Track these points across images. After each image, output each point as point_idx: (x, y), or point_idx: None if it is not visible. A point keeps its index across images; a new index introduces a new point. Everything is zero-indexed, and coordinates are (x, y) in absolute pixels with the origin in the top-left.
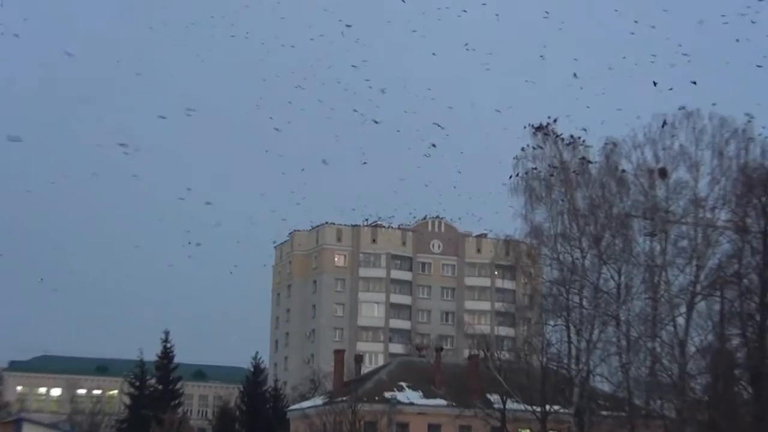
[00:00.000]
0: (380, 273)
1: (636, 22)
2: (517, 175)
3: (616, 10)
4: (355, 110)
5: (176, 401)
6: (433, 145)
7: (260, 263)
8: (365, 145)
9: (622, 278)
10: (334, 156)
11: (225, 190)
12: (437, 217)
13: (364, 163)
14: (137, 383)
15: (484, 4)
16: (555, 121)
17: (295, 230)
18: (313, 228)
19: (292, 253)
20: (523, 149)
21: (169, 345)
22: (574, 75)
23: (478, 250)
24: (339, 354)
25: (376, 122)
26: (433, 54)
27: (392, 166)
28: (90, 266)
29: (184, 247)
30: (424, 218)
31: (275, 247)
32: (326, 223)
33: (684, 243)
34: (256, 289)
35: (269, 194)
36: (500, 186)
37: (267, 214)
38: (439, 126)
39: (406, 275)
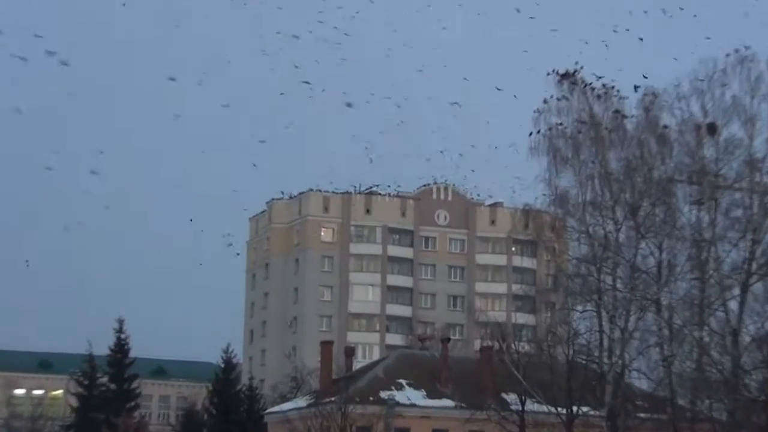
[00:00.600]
0: (375, 249)
1: None
2: (539, 132)
3: None
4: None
5: (132, 403)
6: (457, 104)
7: (232, 239)
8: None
9: (664, 255)
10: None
11: (189, 147)
12: (443, 183)
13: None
14: (86, 382)
15: None
16: (582, 68)
17: (273, 199)
18: (294, 196)
19: (269, 226)
20: (545, 101)
21: (123, 336)
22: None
23: (492, 222)
24: (326, 346)
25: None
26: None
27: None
28: (30, 247)
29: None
30: (428, 185)
31: (250, 219)
32: (310, 189)
33: (737, 212)
34: (228, 269)
35: (244, 156)
36: (518, 149)
37: (242, 179)
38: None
39: (406, 252)
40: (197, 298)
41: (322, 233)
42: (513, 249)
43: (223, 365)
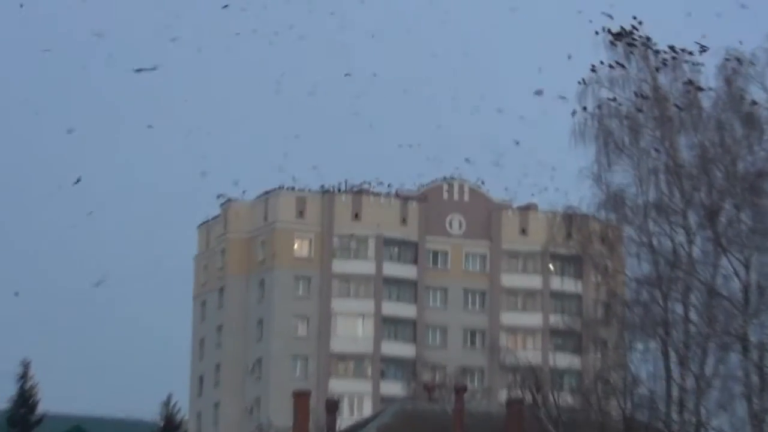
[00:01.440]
0: (367, 267)
1: None
2: (584, 109)
3: None
4: None
5: None
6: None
7: (175, 254)
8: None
9: (752, 275)
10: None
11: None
12: (458, 178)
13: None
14: None
15: None
16: (642, 23)
17: (229, 199)
18: (258, 196)
19: (225, 236)
20: (593, 68)
21: (29, 385)
22: None
23: (523, 231)
24: (301, 398)
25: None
26: None
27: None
28: None
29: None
30: (436, 181)
31: (198, 227)
32: (280, 187)
33: None
34: (169, 295)
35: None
36: (556, 137)
37: (189, 177)
38: None
39: (407, 271)
40: (128, 335)
41: (296, 246)
42: (550, 267)
43: (162, 424)
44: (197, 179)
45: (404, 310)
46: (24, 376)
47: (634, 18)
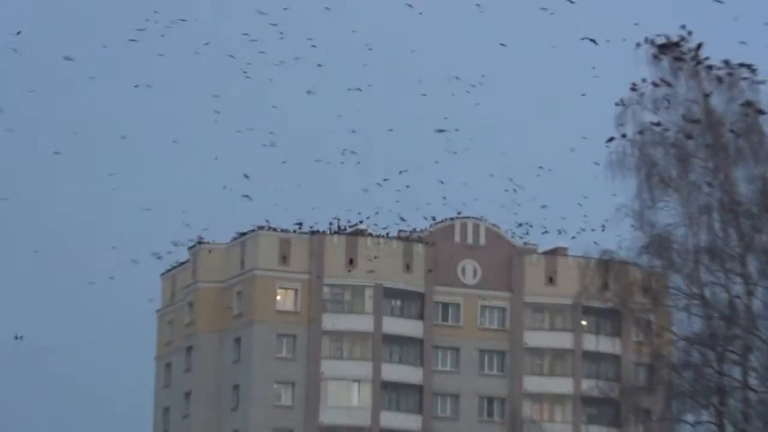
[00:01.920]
0: (363, 323)
1: None
2: (623, 136)
3: None
4: None
5: None
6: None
7: (133, 308)
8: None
9: None
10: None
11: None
12: (472, 217)
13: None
14: None
15: None
16: (691, 33)
17: (199, 242)
18: (235, 238)
19: (194, 286)
20: (634, 87)
21: None
22: None
23: (550, 280)
24: None
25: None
26: None
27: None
28: None
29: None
30: (447, 220)
31: (162, 275)
32: (260, 227)
33: None
34: (128, 355)
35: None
36: (587, 166)
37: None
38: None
39: (412, 327)
40: (75, 403)
41: (279, 297)
42: (583, 323)
43: None
44: (164, 217)
45: (408, 374)
46: None
47: (683, 27)
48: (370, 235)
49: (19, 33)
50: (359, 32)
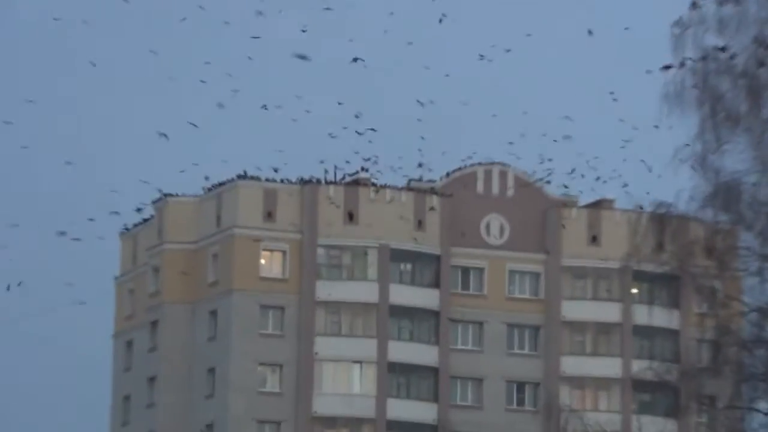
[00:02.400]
0: (366, 292)
1: None
2: (682, 65)
3: None
4: None
5: None
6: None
7: (86, 273)
8: None
9: None
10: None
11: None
12: (497, 162)
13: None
14: None
15: None
16: None
17: (165, 195)
18: (209, 189)
19: (160, 248)
20: (695, 4)
21: None
22: None
23: (593, 239)
24: None
25: None
26: None
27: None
28: None
29: None
30: (466, 167)
31: (121, 234)
32: (240, 176)
33: None
34: (79, 333)
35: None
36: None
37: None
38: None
39: (425, 297)
40: (16, 391)
41: (263, 261)
42: (634, 292)
43: None
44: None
45: (420, 353)
46: None
47: None
48: (374, 185)
49: None
50: None
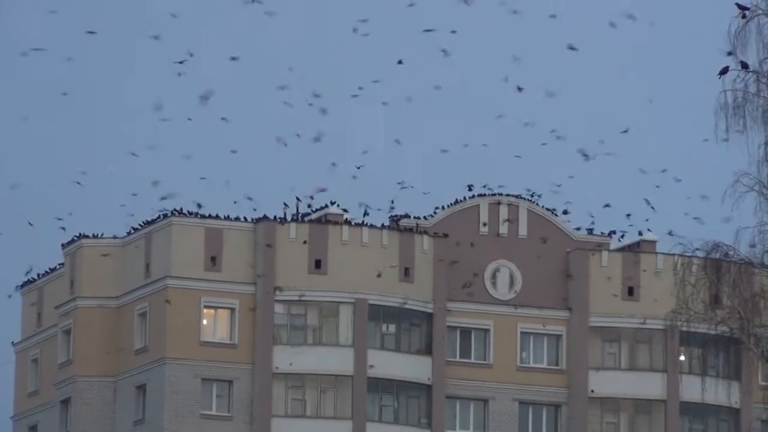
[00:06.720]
0: (338, 361)
1: None
2: (744, 67)
3: None
4: None
5: None
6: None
7: None
8: None
9: None
10: None
11: None
12: (506, 196)
13: None
14: None
15: None
16: None
17: (81, 235)
18: (136, 230)
19: (72, 305)
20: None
21: None
22: None
23: (629, 292)
24: None
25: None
26: None
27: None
28: None
29: None
30: (466, 199)
31: (22, 289)
32: (174, 212)
33: None
34: None
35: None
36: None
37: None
38: None
39: (414, 367)
40: None
41: (205, 322)
42: (682, 359)
43: None
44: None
45: None
46: None
47: None
48: (347, 222)
49: None
50: None
